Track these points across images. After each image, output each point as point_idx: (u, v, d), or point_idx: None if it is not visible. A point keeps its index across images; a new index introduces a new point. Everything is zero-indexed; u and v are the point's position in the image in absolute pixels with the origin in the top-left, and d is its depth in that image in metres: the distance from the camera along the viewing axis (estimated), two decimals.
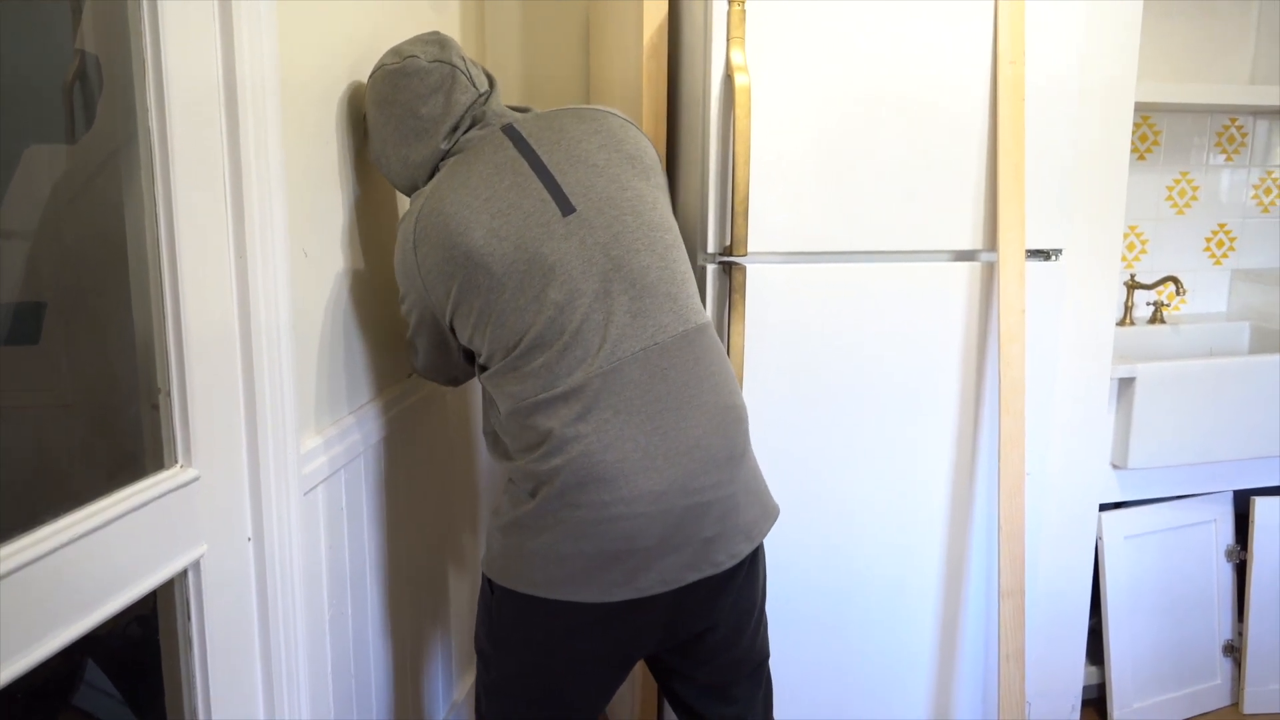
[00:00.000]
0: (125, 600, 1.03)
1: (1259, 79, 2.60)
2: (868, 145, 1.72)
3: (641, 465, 1.24)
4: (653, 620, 1.31)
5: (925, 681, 1.96)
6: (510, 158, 1.33)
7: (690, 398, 1.28)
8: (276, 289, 1.21)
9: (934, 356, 1.82)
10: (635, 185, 1.34)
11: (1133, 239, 2.64)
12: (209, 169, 1.13)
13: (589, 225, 1.28)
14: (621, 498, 1.23)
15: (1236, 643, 2.32)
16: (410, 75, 1.37)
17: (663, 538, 1.25)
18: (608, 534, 1.24)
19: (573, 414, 1.24)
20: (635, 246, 1.30)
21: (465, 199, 1.30)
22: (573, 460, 1.23)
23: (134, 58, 1.08)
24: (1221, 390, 2.11)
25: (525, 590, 1.28)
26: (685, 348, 1.29)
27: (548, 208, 1.29)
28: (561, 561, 1.25)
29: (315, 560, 1.40)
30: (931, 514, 1.88)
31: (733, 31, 1.60)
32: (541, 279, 1.26)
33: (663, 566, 1.26)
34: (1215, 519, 2.28)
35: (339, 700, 1.51)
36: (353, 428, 1.51)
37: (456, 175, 1.33)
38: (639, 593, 1.26)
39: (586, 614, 1.28)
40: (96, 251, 1.20)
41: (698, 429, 1.27)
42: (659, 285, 1.29)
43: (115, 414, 1.23)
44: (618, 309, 1.26)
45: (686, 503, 1.26)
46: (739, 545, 1.32)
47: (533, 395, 1.26)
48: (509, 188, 1.30)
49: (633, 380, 1.25)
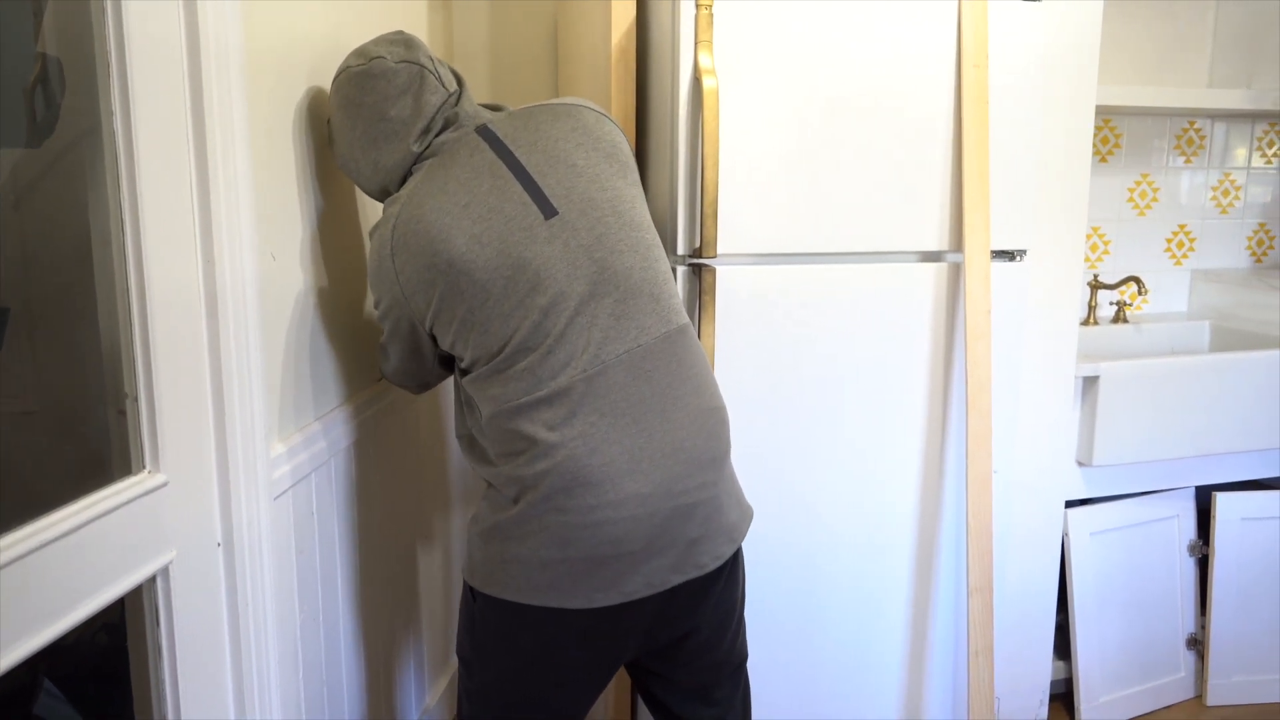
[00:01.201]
0: (92, 608, 1.02)
1: (1217, 82, 2.65)
2: (835, 147, 1.73)
3: (627, 468, 1.23)
4: (637, 624, 1.30)
5: (895, 678, 1.97)
6: (488, 161, 1.30)
7: (674, 400, 1.28)
8: (244, 293, 1.20)
9: (902, 356, 1.84)
10: (615, 184, 1.33)
11: (1095, 240, 2.68)
12: (175, 172, 1.12)
13: (571, 228, 1.27)
14: (608, 501, 1.22)
15: (1199, 636, 2.36)
16: (377, 77, 1.33)
17: (649, 541, 1.25)
18: (594, 538, 1.23)
19: (557, 418, 1.23)
20: (618, 248, 1.29)
21: (444, 205, 1.28)
22: (558, 465, 1.22)
23: (97, 60, 1.07)
24: (1183, 388, 2.15)
25: (509, 598, 1.27)
26: (668, 349, 1.29)
27: (529, 211, 1.27)
28: (545, 567, 1.24)
29: (286, 566, 1.40)
30: (900, 512, 1.89)
31: (700, 35, 1.61)
32: (526, 284, 1.25)
33: (648, 570, 1.26)
34: (1178, 514, 2.32)
35: (311, 706, 1.50)
36: (322, 432, 1.50)
37: (434, 180, 1.31)
38: (625, 597, 1.26)
39: (572, 621, 1.27)
40: (61, 256, 1.18)
41: (681, 431, 1.27)
42: (642, 287, 1.29)
43: (82, 420, 1.22)
44: (602, 312, 1.26)
45: (672, 505, 1.25)
46: (722, 547, 1.32)
47: (516, 398, 1.25)
48: (488, 191, 1.28)
49: (617, 383, 1.25)
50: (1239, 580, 2.33)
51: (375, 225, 1.34)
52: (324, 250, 1.54)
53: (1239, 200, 2.78)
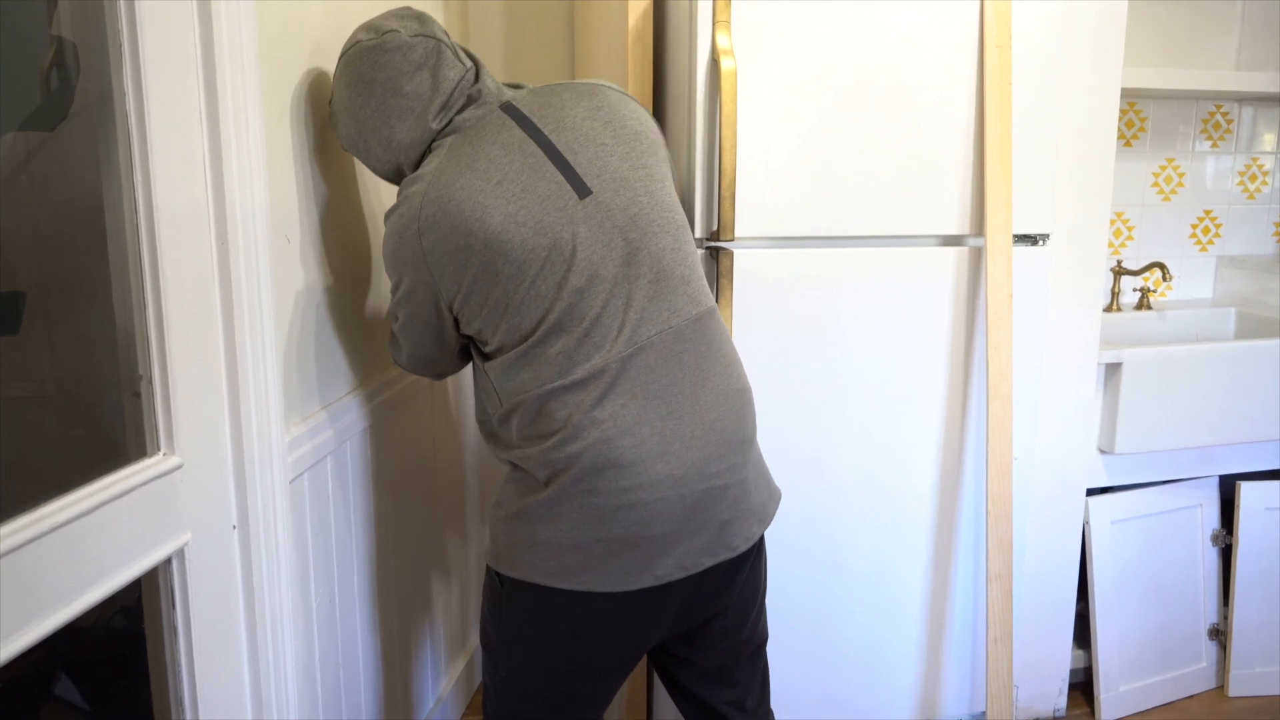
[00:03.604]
0: (108, 589, 1.02)
1: (1245, 65, 2.61)
2: (855, 129, 1.71)
3: (659, 450, 1.22)
4: (668, 607, 1.29)
5: (913, 664, 1.96)
6: (517, 138, 1.26)
7: (703, 381, 1.26)
8: (259, 275, 1.20)
9: (922, 341, 1.82)
10: (646, 162, 1.30)
11: (1119, 225, 2.64)
12: (189, 155, 1.11)
13: (606, 208, 1.25)
14: (640, 483, 1.21)
15: (1222, 626, 2.33)
16: (391, 51, 1.28)
17: (680, 522, 1.24)
18: (626, 520, 1.22)
19: (590, 400, 1.22)
20: (651, 229, 1.27)
21: (476, 183, 1.23)
22: (590, 446, 1.21)
23: (110, 43, 1.06)
24: (1207, 376, 2.12)
25: (539, 581, 1.25)
26: (699, 331, 1.28)
27: (563, 190, 1.24)
28: (577, 550, 1.23)
29: (302, 548, 1.40)
30: (919, 497, 1.88)
31: (718, 15, 1.59)
32: (563, 264, 1.22)
33: (680, 552, 1.25)
34: (1201, 503, 2.29)
35: (327, 690, 1.50)
36: (338, 414, 1.50)
37: (461, 158, 1.25)
38: (657, 580, 1.24)
39: (603, 604, 1.25)
40: (76, 239, 1.19)
41: (712, 413, 1.26)
42: (674, 268, 1.27)
43: (97, 403, 1.22)
44: (637, 293, 1.24)
45: (704, 487, 1.24)
46: (752, 528, 1.31)
47: (549, 382, 1.23)
48: (520, 170, 1.24)
49: (649, 365, 1.23)
50: (1262, 570, 2.30)
51: (395, 206, 1.29)
52: (336, 234, 1.54)
53: (1266, 185, 2.73)
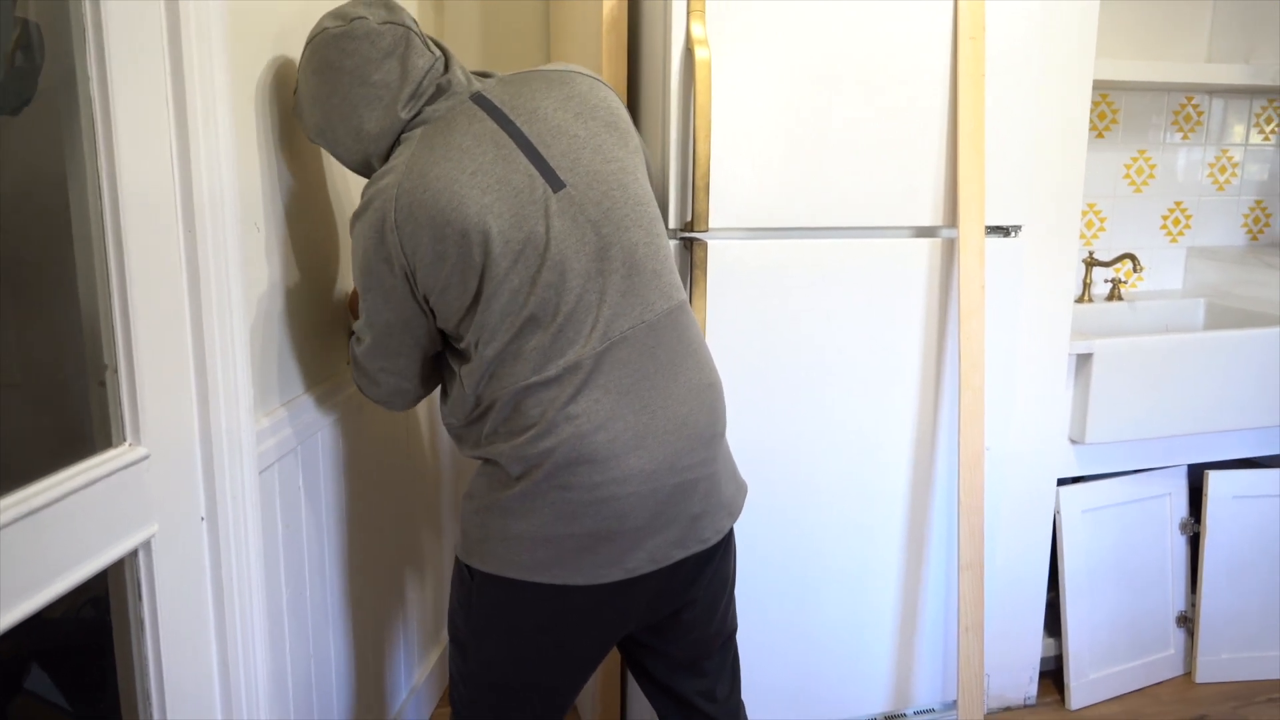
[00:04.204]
0: (73, 581, 1.01)
1: (1216, 57, 2.63)
2: (829, 119, 1.71)
3: (632, 445, 1.22)
4: (638, 600, 1.30)
5: (886, 654, 1.97)
6: (489, 130, 1.25)
7: (675, 375, 1.27)
8: (227, 263, 1.18)
9: (895, 332, 1.82)
10: (618, 155, 1.30)
11: (1091, 216, 2.66)
12: (155, 139, 1.10)
13: (578, 202, 1.24)
14: (613, 478, 1.22)
15: (1189, 614, 2.36)
16: (359, 38, 1.25)
17: (652, 516, 1.24)
18: (599, 514, 1.22)
19: (565, 396, 1.21)
20: (624, 223, 1.26)
21: (451, 172, 1.21)
22: (564, 442, 1.21)
23: (73, 24, 1.05)
24: (1177, 366, 2.14)
25: (510, 575, 1.26)
26: (670, 326, 1.28)
27: (536, 183, 1.23)
28: (549, 543, 1.23)
29: (272, 540, 1.39)
30: (892, 488, 1.89)
31: (693, 5, 1.59)
32: (537, 258, 1.21)
33: (652, 545, 1.25)
34: (1170, 492, 2.32)
35: (297, 682, 1.49)
36: (309, 406, 1.49)
37: (434, 149, 1.23)
38: (628, 573, 1.25)
39: (575, 597, 1.26)
40: (40, 225, 1.17)
41: (684, 407, 1.27)
42: (646, 262, 1.27)
43: (62, 392, 1.21)
44: (610, 288, 1.24)
45: (675, 480, 1.25)
46: (722, 521, 1.32)
47: (524, 379, 1.22)
48: (494, 161, 1.23)
49: (623, 359, 1.23)
50: (1230, 558, 2.33)
51: (363, 205, 1.25)
52: (305, 223, 1.52)
53: (1236, 177, 2.76)
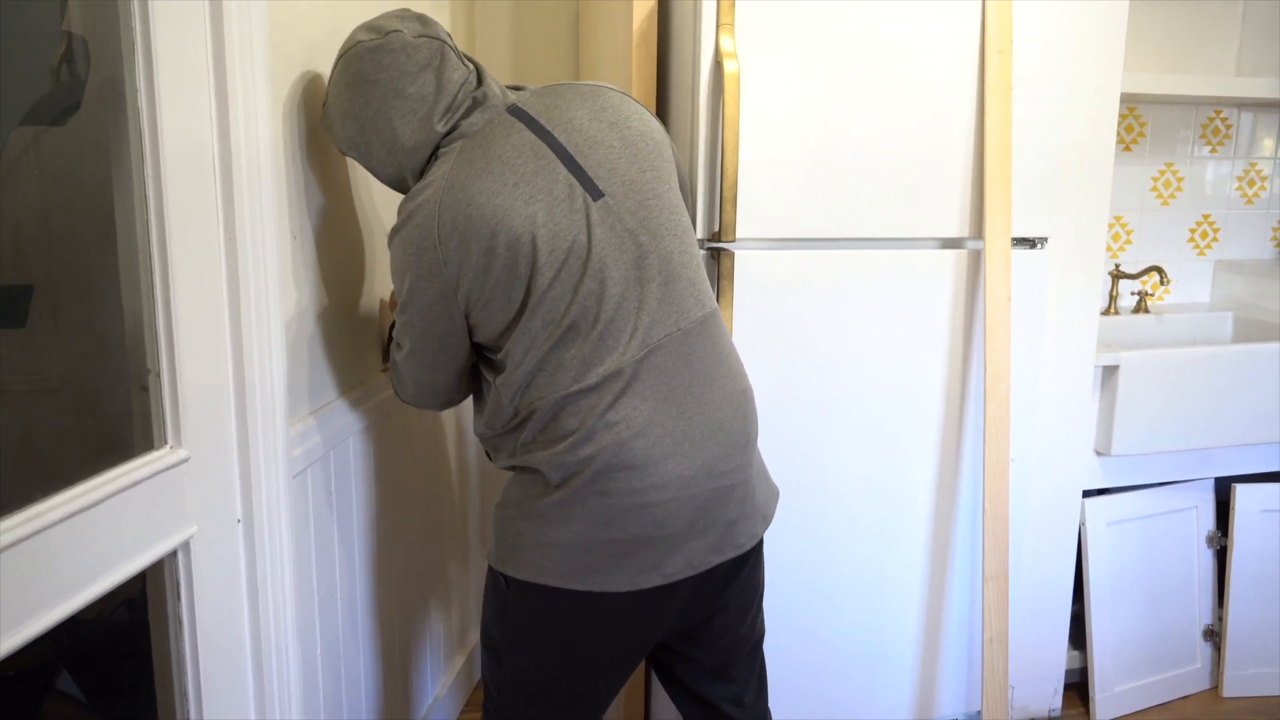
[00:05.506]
0: (116, 580, 1.03)
1: (1244, 71, 2.62)
2: (856, 132, 1.73)
3: (670, 451, 1.23)
4: (673, 606, 1.30)
5: (909, 665, 1.97)
6: (528, 141, 1.25)
7: (710, 382, 1.28)
8: (265, 270, 1.21)
9: (920, 343, 1.83)
10: (653, 164, 1.31)
11: (1118, 229, 2.65)
12: (198, 149, 1.13)
13: (617, 211, 1.25)
14: (653, 484, 1.23)
15: (1216, 627, 2.34)
16: (394, 51, 1.25)
17: (690, 522, 1.25)
18: (638, 520, 1.23)
19: (605, 403, 1.22)
20: (660, 232, 1.28)
21: (493, 185, 1.22)
22: (604, 449, 1.22)
23: (123, 39, 1.08)
24: (1204, 379, 2.13)
25: (548, 582, 1.26)
26: (704, 333, 1.29)
27: (576, 193, 1.24)
28: (588, 550, 1.24)
29: (305, 543, 1.41)
30: (916, 498, 1.89)
31: (722, 18, 1.61)
32: (579, 267, 1.23)
33: (689, 551, 1.26)
34: (1197, 505, 2.31)
35: (327, 683, 1.51)
36: (341, 411, 1.51)
37: (473, 162, 1.23)
38: (666, 578, 1.26)
39: (612, 604, 1.26)
40: (85, 234, 1.20)
41: (719, 413, 1.28)
42: (681, 271, 1.29)
43: (104, 396, 1.23)
44: (648, 295, 1.25)
45: (713, 486, 1.26)
46: (757, 526, 1.34)
47: (566, 388, 1.23)
48: (534, 172, 1.23)
49: (660, 366, 1.24)
50: (1257, 572, 2.31)
51: (403, 220, 1.25)
52: (337, 232, 1.55)
53: (1265, 190, 2.75)
